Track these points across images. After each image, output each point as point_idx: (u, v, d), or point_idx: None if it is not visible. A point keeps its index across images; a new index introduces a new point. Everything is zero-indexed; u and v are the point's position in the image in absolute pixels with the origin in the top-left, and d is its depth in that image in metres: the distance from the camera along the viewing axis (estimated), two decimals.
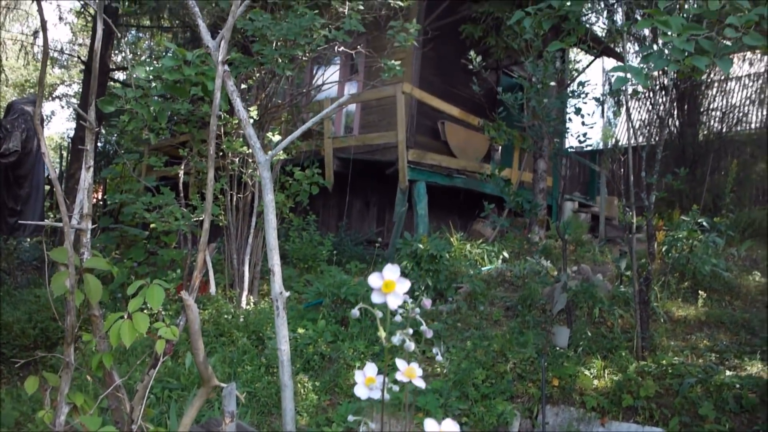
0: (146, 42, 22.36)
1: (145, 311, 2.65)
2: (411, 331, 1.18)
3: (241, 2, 2.20)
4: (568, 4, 2.79)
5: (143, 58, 22.18)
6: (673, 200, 10.77)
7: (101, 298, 2.53)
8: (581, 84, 5.54)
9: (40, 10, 1.96)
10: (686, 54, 2.30)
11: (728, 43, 2.36)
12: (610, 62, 24.77)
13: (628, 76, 2.31)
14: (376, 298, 1.10)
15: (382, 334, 1.16)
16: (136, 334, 2.32)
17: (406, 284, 1.13)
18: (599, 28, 11.25)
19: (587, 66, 10.92)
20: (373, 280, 1.13)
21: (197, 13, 2.29)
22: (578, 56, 23.24)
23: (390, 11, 7.03)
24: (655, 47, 2.57)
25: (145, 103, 3.31)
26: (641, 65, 2.32)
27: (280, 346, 2.21)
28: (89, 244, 2.51)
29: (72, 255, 2.32)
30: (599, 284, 6.56)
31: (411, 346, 1.16)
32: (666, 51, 2.29)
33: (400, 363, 1.20)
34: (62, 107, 27.30)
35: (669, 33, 2.31)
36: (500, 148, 11.27)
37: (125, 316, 2.39)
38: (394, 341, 1.17)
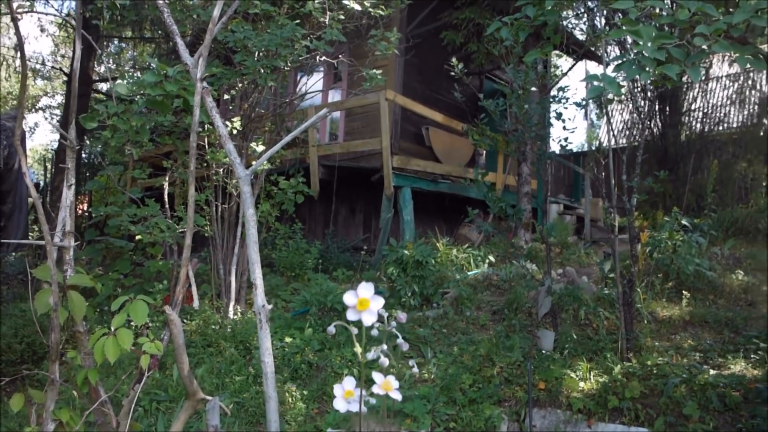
0: (129, 52, 22.24)
1: (131, 324, 2.66)
2: (384, 347, 1.21)
3: (219, 21, 2.22)
4: (543, 14, 2.84)
5: (126, 68, 22.04)
6: (656, 200, 10.88)
7: (86, 312, 2.55)
8: (561, 89, 5.60)
9: (17, 32, 1.97)
10: (657, 63, 2.35)
11: (704, 47, 2.41)
12: (592, 65, 24.96)
13: (603, 84, 2.35)
14: (351, 316, 1.13)
15: (358, 350, 1.18)
16: (120, 349, 2.34)
17: (379, 301, 1.16)
18: (580, 31, 11.36)
19: (568, 70, 11.03)
20: (348, 298, 1.16)
21: (175, 31, 2.32)
22: (560, 59, 23.42)
23: (371, 20, 7.08)
24: (632, 54, 2.62)
25: (127, 119, 3.33)
26: (615, 74, 2.36)
27: (263, 358, 2.23)
28: (72, 261, 2.52)
29: (55, 273, 2.33)
30: (584, 286, 6.63)
31: (386, 361, 1.18)
32: (638, 60, 2.34)
33: (377, 376, 1.23)
34: (45, 119, 27.07)
35: (641, 42, 2.37)
36: (485, 152, 11.33)
37: (109, 332, 2.41)
38: (369, 357, 1.20)
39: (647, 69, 2.33)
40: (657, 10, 2.62)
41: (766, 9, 2.25)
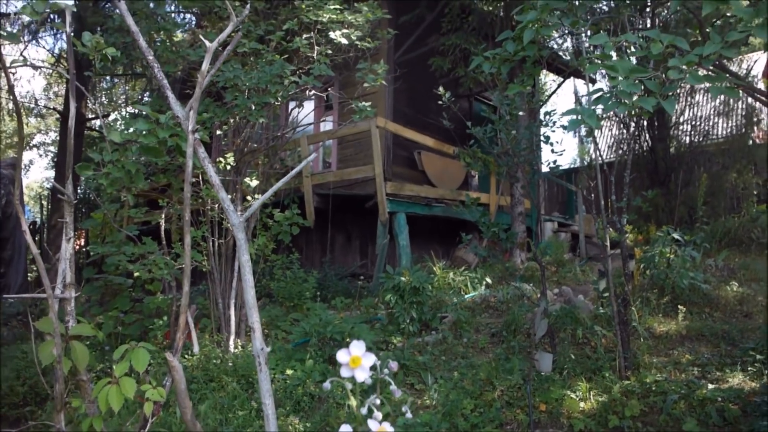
0: (121, 87, 22.35)
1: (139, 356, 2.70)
2: (377, 400, 1.27)
3: (207, 73, 2.30)
4: (522, 50, 2.93)
5: (119, 102, 22.14)
6: (649, 214, 10.96)
7: (89, 360, 2.59)
8: (548, 113, 5.70)
9: (13, 97, 2.04)
10: (634, 96, 2.43)
11: (678, 78, 2.49)
12: (580, 83, 25.20)
13: (581, 118, 2.43)
14: (344, 373, 1.19)
15: (353, 402, 1.24)
16: (124, 398, 2.38)
17: (371, 358, 1.21)
18: (567, 50, 11.53)
19: (555, 90, 11.16)
20: (341, 356, 1.21)
21: (166, 86, 2.39)
22: (548, 77, 23.62)
23: (358, 52, 7.20)
24: (607, 86, 2.70)
25: (122, 165, 3.39)
26: (593, 107, 2.44)
27: (264, 400, 2.27)
28: (74, 311, 2.57)
29: (57, 325, 2.38)
30: (581, 305, 6.67)
31: (378, 415, 1.24)
32: (615, 93, 2.42)
33: (372, 424, 1.28)
34: (40, 156, 27.15)
35: (617, 77, 2.45)
36: (477, 174, 11.44)
37: (113, 380, 2.45)
38: (363, 412, 1.25)
39: (624, 102, 2.41)
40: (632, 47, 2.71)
41: (735, 41, 2.33)
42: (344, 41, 6.78)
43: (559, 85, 11.88)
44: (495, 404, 4.94)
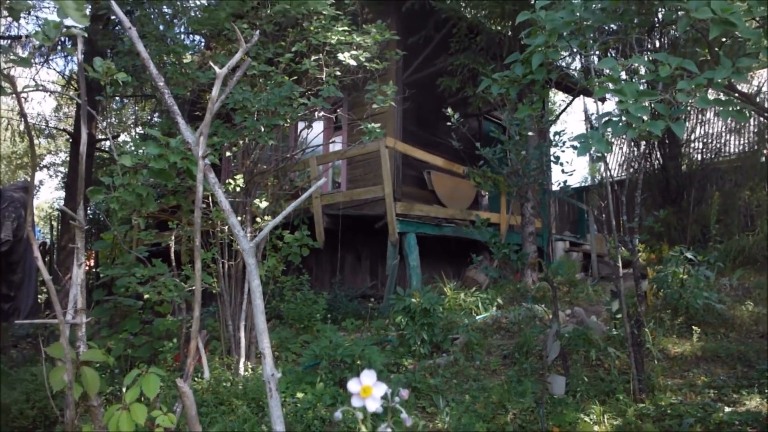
0: (131, 108, 22.45)
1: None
2: (389, 430, 1.27)
3: (217, 99, 2.34)
4: (531, 73, 2.96)
5: (128, 122, 22.23)
6: (661, 233, 10.91)
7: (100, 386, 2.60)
8: (557, 134, 5.71)
9: (27, 125, 2.08)
10: (642, 119, 2.44)
11: (688, 102, 2.50)
12: (590, 101, 25.17)
13: (591, 142, 2.44)
14: (355, 402, 1.20)
15: (364, 431, 1.24)
16: (134, 424, 2.39)
17: (382, 388, 1.22)
18: (576, 69, 11.58)
19: (563, 110, 11.19)
20: (352, 385, 1.22)
21: (176, 111, 2.43)
22: (557, 96, 23.65)
23: (367, 73, 7.26)
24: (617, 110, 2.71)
25: (132, 189, 3.43)
26: (602, 132, 2.46)
27: (275, 427, 2.27)
28: (85, 337, 2.59)
29: (68, 351, 2.40)
30: (594, 326, 6.63)
31: None
32: (624, 117, 2.44)
33: None
34: (50, 176, 27.36)
35: (625, 101, 2.46)
36: (487, 193, 11.45)
37: (123, 406, 2.47)
38: None
39: (633, 126, 2.43)
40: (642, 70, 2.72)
41: (745, 67, 2.35)
42: (353, 63, 6.84)
43: (568, 104, 11.89)
44: (507, 428, 4.90)
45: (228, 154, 7.03)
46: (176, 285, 6.12)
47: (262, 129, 6.05)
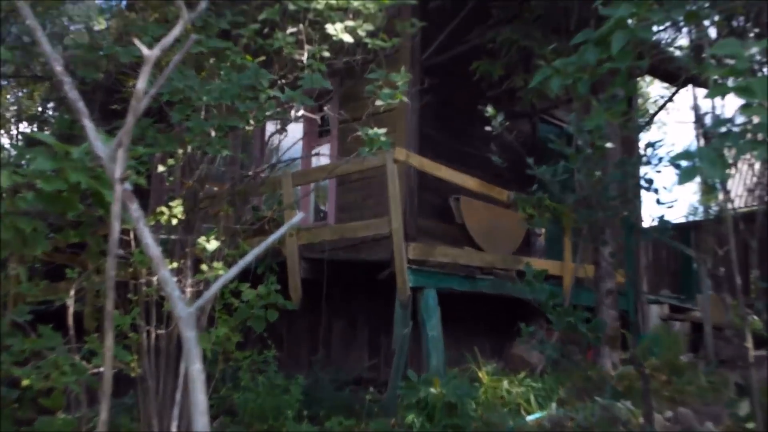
0: (11, 94, 21.15)
1: None
2: None
3: (146, 96, 2.33)
4: (609, 59, 2.92)
5: (8, 114, 21.48)
6: None
7: None
8: (652, 145, 5.68)
9: None
10: None
11: None
12: (701, 93, 25.03)
13: (699, 165, 2.41)
14: None
15: None
16: None
17: None
18: (681, 49, 11.57)
19: (662, 107, 11.20)
20: None
21: (82, 109, 2.42)
22: (652, 84, 23.70)
23: (368, 53, 7.28)
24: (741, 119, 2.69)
25: (11, 223, 3.39)
26: (717, 149, 2.43)
27: None
28: None
29: None
30: None
31: None
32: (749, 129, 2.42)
33: None
34: None
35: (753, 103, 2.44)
36: (543, 231, 11.43)
37: None
38: None
39: (764, 140, 2.40)
40: None
41: None
42: (348, 38, 6.86)
43: (667, 100, 11.90)
44: None
45: (161, 169, 7.03)
46: (74, 365, 6.06)
47: (213, 133, 6.05)
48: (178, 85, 5.86)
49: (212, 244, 6.67)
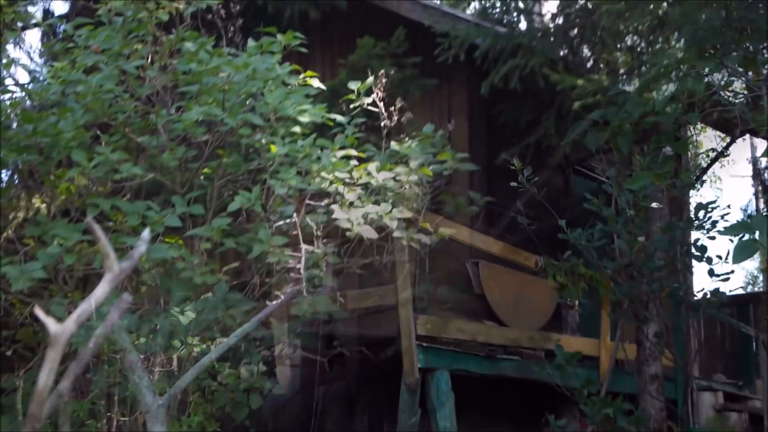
0: None
1: None
2: None
3: None
4: (654, 112, 2.96)
5: None
6: None
7: None
8: (704, 207, 5.71)
9: None
10: None
11: None
12: (760, 144, 24.80)
13: (757, 237, 2.44)
14: None
15: None
16: None
17: None
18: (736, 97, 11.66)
19: (715, 159, 11.26)
20: None
21: None
22: (704, 132, 23.84)
23: None
24: None
25: None
26: None
27: None
28: None
29: None
30: None
31: None
32: None
33: None
34: None
35: None
36: (577, 305, 11.43)
37: None
38: None
39: None
40: None
41: None
42: None
43: (722, 151, 12.00)
44: None
45: None
46: None
47: None
48: None
49: (187, 316, 6.68)
